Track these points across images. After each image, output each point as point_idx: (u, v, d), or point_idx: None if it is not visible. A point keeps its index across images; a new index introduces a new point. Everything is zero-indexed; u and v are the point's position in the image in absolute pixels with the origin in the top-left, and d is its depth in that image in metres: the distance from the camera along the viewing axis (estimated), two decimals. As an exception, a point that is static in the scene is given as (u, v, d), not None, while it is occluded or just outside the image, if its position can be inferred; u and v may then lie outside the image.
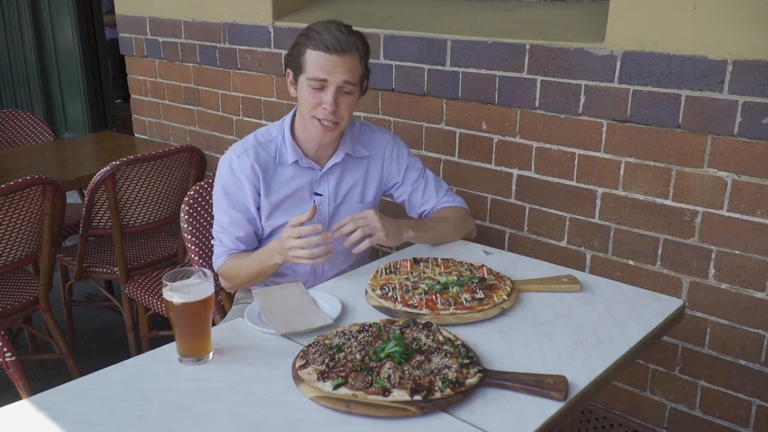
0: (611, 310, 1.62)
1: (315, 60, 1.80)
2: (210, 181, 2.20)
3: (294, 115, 1.98)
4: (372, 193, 2.07)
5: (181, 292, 1.38)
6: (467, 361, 1.33)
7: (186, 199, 2.22)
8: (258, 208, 1.97)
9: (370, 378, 1.26)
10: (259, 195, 1.95)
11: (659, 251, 2.24)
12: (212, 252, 2.13)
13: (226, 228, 1.97)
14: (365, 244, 1.83)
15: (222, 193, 1.96)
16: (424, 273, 1.77)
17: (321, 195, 1.99)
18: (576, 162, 2.35)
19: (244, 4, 3.16)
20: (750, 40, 1.91)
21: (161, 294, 1.59)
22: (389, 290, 1.66)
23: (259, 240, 2.04)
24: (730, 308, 2.14)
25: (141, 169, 2.76)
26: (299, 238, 1.72)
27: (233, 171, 1.93)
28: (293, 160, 1.94)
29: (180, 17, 3.48)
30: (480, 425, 1.20)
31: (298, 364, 1.34)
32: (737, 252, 2.09)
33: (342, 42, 1.78)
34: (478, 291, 1.64)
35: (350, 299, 1.68)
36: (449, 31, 2.55)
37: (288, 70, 1.91)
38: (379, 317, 1.55)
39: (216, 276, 2.08)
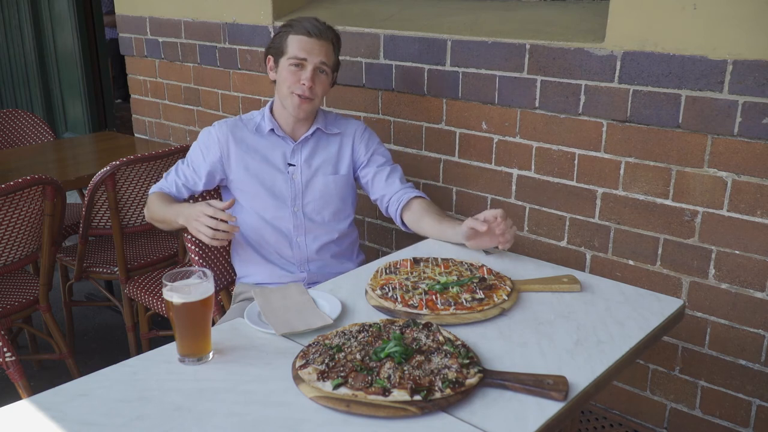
0: (611, 310, 1.62)
1: (296, 43, 2.05)
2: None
3: (273, 102, 2.18)
4: (345, 167, 2.21)
5: (181, 292, 1.38)
6: (467, 361, 1.32)
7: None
8: (208, 177, 2.13)
9: (370, 378, 1.26)
10: (221, 165, 2.12)
11: (659, 251, 2.24)
12: (213, 252, 2.15)
13: (177, 167, 2.18)
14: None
15: (194, 147, 2.17)
16: (424, 273, 1.77)
17: (294, 165, 2.14)
18: (576, 162, 2.35)
19: (244, 4, 3.16)
20: (750, 40, 1.91)
21: (161, 294, 1.59)
22: (389, 290, 1.66)
23: (191, 198, 2.19)
24: (730, 308, 2.14)
25: (141, 169, 2.75)
26: (212, 218, 1.84)
27: (209, 132, 2.15)
28: (270, 128, 2.13)
29: (180, 17, 3.48)
30: (480, 425, 1.20)
31: (298, 364, 1.34)
32: (737, 252, 2.09)
33: (320, 29, 2.06)
34: (478, 291, 1.64)
35: (350, 299, 1.68)
36: (449, 31, 2.55)
37: (269, 56, 2.15)
38: (379, 317, 1.55)
39: (216, 275, 2.09)
